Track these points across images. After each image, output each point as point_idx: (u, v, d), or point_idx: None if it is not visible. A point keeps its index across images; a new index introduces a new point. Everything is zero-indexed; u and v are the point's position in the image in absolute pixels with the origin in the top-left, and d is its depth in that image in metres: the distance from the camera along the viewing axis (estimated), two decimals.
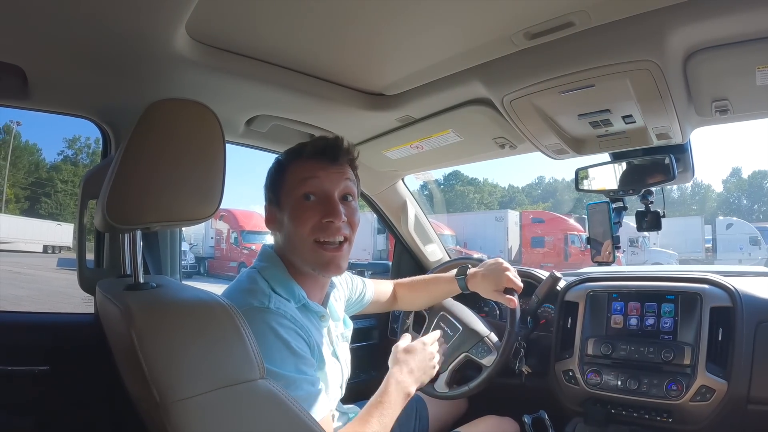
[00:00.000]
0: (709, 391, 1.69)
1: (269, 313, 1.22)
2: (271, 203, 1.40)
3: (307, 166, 1.35)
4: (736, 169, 66.67)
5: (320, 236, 1.33)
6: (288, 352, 1.19)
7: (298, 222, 1.32)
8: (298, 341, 1.23)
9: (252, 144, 2.10)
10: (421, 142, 2.00)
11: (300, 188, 1.33)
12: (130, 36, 1.22)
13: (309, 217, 1.32)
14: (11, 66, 1.39)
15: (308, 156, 1.37)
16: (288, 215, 1.34)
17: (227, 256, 22.35)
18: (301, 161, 1.37)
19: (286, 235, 1.37)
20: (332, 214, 1.32)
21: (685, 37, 1.23)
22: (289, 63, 1.54)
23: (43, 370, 1.67)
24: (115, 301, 0.96)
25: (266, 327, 1.18)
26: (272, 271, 1.35)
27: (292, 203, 1.34)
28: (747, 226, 29.80)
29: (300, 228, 1.32)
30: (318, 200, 1.34)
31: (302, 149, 1.38)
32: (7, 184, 34.78)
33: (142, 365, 0.84)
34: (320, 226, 1.32)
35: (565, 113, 1.59)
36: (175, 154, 0.98)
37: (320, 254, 1.34)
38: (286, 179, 1.36)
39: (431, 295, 2.06)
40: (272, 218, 1.40)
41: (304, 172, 1.35)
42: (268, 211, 1.42)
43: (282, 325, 1.21)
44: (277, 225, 1.39)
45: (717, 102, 1.49)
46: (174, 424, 0.85)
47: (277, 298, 1.28)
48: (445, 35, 1.38)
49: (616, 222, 1.87)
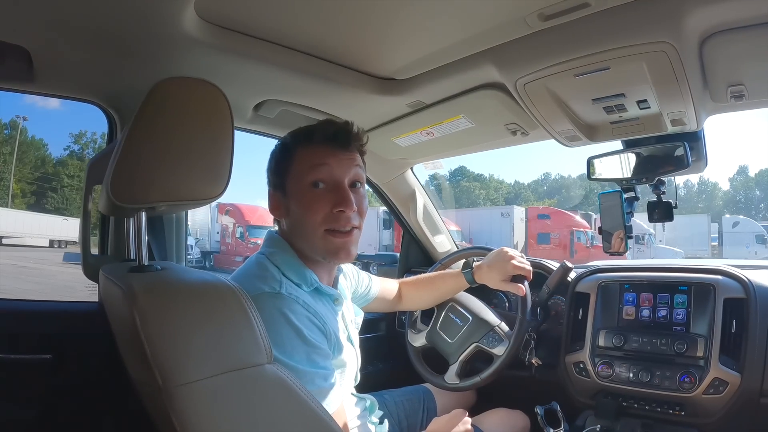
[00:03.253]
0: (722, 384, 1.66)
1: (281, 298, 1.19)
2: (276, 189, 1.37)
3: (317, 151, 1.32)
4: (743, 167, 66.60)
5: (331, 225, 1.31)
6: (299, 340, 1.16)
7: (309, 211, 1.30)
8: (311, 329, 1.20)
9: (260, 130, 2.08)
10: (432, 128, 1.98)
11: (310, 175, 1.30)
12: (138, 16, 1.21)
13: (320, 207, 1.30)
14: (16, 47, 1.37)
15: (318, 141, 1.33)
16: (296, 202, 1.32)
17: (233, 251, 22.45)
18: (311, 146, 1.33)
19: (294, 222, 1.34)
20: (344, 204, 1.30)
21: (703, 19, 1.20)
22: (299, 45, 1.52)
23: (47, 359, 1.66)
24: (118, 283, 0.94)
25: (277, 313, 1.16)
26: (281, 256, 1.32)
27: (301, 190, 1.31)
28: (753, 224, 29.74)
29: (311, 217, 1.30)
30: (328, 188, 1.31)
31: (311, 133, 1.35)
32: (14, 179, 35.00)
33: (145, 348, 0.82)
34: (331, 215, 1.30)
35: (579, 97, 1.57)
36: (182, 132, 0.96)
37: (331, 242, 1.31)
38: (293, 164, 1.33)
39: (438, 292, 2.03)
40: (277, 204, 1.37)
41: (314, 158, 1.32)
42: (272, 197, 1.38)
43: (294, 311, 1.19)
44: (283, 211, 1.36)
45: (732, 87, 1.46)
46: (177, 409, 0.83)
47: (289, 283, 1.26)
48: (457, 17, 1.35)
49: (628, 212, 1.85)
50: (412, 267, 2.86)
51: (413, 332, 2.15)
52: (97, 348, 1.67)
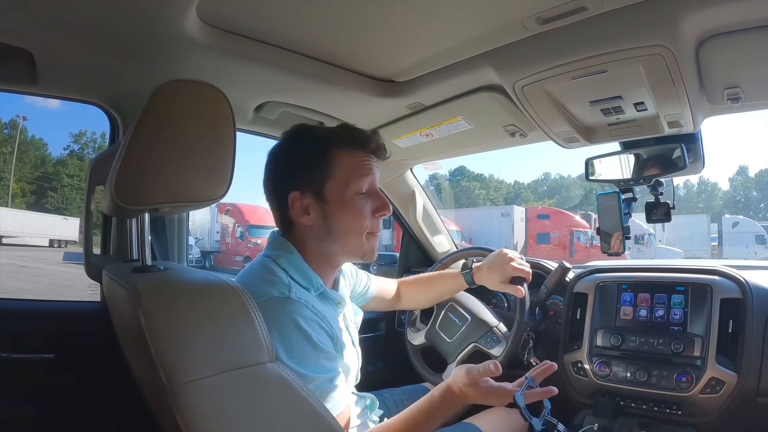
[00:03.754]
0: (719, 384, 1.67)
1: (291, 303, 1.20)
2: (304, 192, 1.33)
3: (363, 160, 1.36)
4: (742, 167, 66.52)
5: (373, 228, 1.36)
6: (309, 345, 1.17)
7: (358, 217, 1.34)
8: (319, 333, 1.21)
9: (261, 131, 2.09)
10: (431, 129, 1.99)
11: (358, 184, 1.33)
12: (140, 19, 1.22)
13: (366, 213, 1.35)
14: (19, 49, 1.39)
15: (364, 150, 1.36)
16: (340, 208, 1.33)
17: (233, 251, 22.41)
18: (356, 154, 1.35)
19: (330, 226, 1.34)
20: (385, 209, 1.38)
21: (698, 23, 1.22)
22: (299, 47, 1.53)
23: (49, 358, 1.68)
24: (122, 283, 0.96)
25: (288, 319, 1.16)
26: (288, 258, 1.32)
27: (348, 198, 1.33)
28: (753, 224, 29.69)
29: (358, 222, 1.34)
30: (368, 195, 1.36)
31: (356, 141, 1.36)
32: (14, 179, 34.97)
33: (149, 347, 0.84)
34: (373, 219, 1.36)
35: (577, 100, 1.58)
36: (185, 134, 0.97)
37: (371, 243, 1.38)
38: (335, 169, 1.32)
39: (437, 292, 2.04)
40: (304, 209, 1.33)
41: (362, 166, 1.35)
42: (299, 201, 1.33)
43: (304, 316, 1.19)
44: (314, 215, 1.33)
45: (729, 90, 1.47)
46: (181, 406, 0.84)
47: (297, 287, 1.27)
48: (456, 20, 1.36)
49: (626, 213, 1.86)
50: (412, 267, 2.87)
51: (413, 331, 2.17)
52: (99, 347, 1.68)
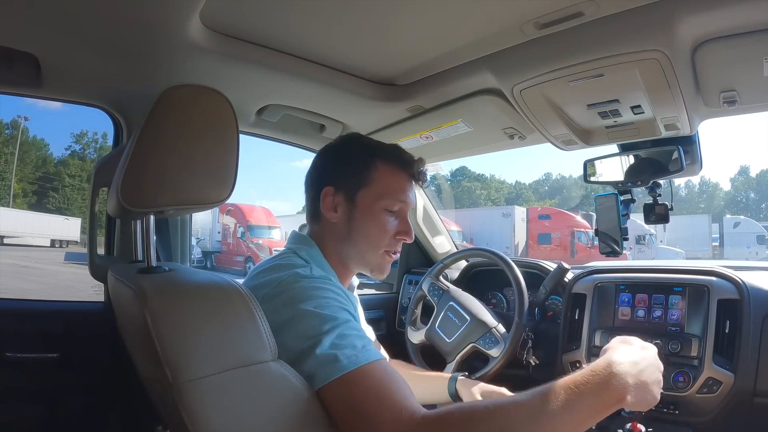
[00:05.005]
0: (716, 384, 1.69)
1: (314, 278, 1.17)
2: (339, 190, 1.34)
3: (403, 183, 1.36)
4: (744, 167, 66.36)
5: (391, 248, 1.35)
6: (337, 305, 1.11)
7: (380, 231, 1.33)
8: (344, 302, 1.16)
9: (263, 134, 2.11)
10: (431, 132, 2.01)
11: (390, 202, 1.33)
12: (144, 24, 1.24)
13: (389, 230, 1.34)
14: (24, 54, 1.41)
15: (405, 171, 1.37)
16: (366, 217, 1.33)
17: (234, 251, 22.39)
18: (399, 174, 1.36)
19: (352, 231, 1.33)
20: (409, 235, 1.36)
21: (694, 27, 1.24)
22: (301, 52, 1.55)
23: (53, 357, 1.69)
24: (128, 284, 0.98)
25: (313, 288, 1.13)
26: (308, 251, 1.33)
27: (376, 210, 1.33)
28: (754, 224, 29.63)
29: (380, 237, 1.33)
30: (396, 216, 1.36)
31: (403, 162, 1.37)
32: (15, 179, 34.95)
33: (156, 346, 0.85)
34: (393, 240, 1.35)
35: (575, 103, 1.60)
36: (189, 138, 0.99)
37: (385, 261, 1.37)
38: (374, 181, 1.33)
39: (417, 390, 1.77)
40: (333, 206, 1.34)
41: (398, 187, 1.35)
42: (330, 197, 1.34)
43: (328, 285, 1.16)
44: (341, 215, 1.34)
45: (725, 93, 1.49)
46: (186, 403, 0.86)
47: (318, 270, 1.25)
48: (455, 25, 1.39)
49: (624, 214, 1.87)
50: (412, 268, 2.88)
51: (413, 329, 2.19)
52: (103, 346, 1.70)
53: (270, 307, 1.02)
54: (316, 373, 0.99)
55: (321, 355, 1.00)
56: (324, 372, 0.99)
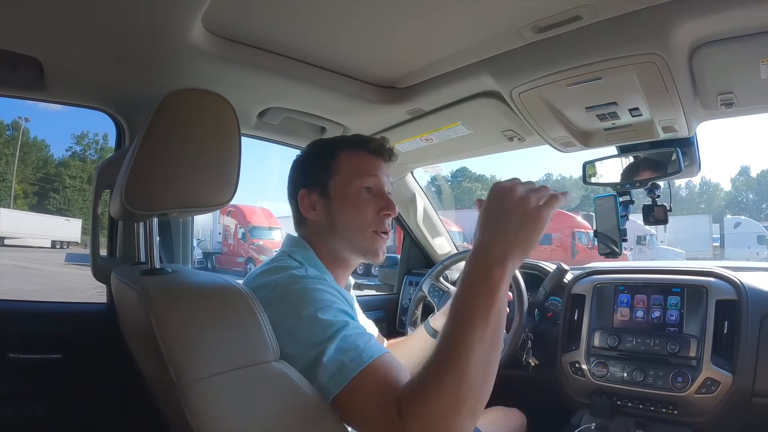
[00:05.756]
0: (715, 384, 1.70)
1: (309, 278, 1.19)
2: (312, 190, 1.38)
3: (367, 160, 1.38)
4: (744, 168, 66.20)
5: (378, 227, 1.37)
6: (334, 307, 1.12)
7: (359, 211, 1.35)
8: (338, 298, 1.17)
9: (264, 136, 2.12)
10: (431, 134, 2.02)
11: (361, 180, 1.35)
12: (147, 28, 1.25)
13: (369, 208, 1.35)
14: (28, 57, 1.41)
15: (368, 151, 1.39)
16: (343, 203, 1.35)
17: (235, 252, 22.36)
18: (360, 154, 1.39)
19: (335, 221, 1.36)
20: (391, 209, 1.37)
21: (691, 31, 1.25)
22: (302, 56, 1.57)
23: (56, 358, 1.70)
24: (132, 286, 0.99)
25: (308, 288, 1.13)
26: (303, 253, 1.34)
27: (351, 193, 1.35)
28: (755, 224, 29.55)
29: (361, 217, 1.35)
30: (374, 194, 1.37)
31: (362, 142, 1.41)
32: (16, 180, 34.95)
33: (160, 346, 0.86)
34: (377, 218, 1.36)
35: (573, 106, 1.61)
36: (192, 142, 1.00)
37: (377, 241, 1.38)
38: (340, 168, 1.37)
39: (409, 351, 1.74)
40: (311, 205, 1.38)
41: (365, 166, 1.37)
42: (306, 198, 1.38)
43: (322, 284, 1.18)
44: (320, 211, 1.37)
45: (722, 95, 1.50)
46: (190, 403, 0.87)
47: (313, 270, 1.27)
48: (455, 28, 1.40)
49: (623, 215, 1.88)
50: (413, 269, 2.90)
51: (413, 330, 2.19)
52: (105, 347, 1.71)
53: (270, 312, 1.02)
54: (328, 384, 1.00)
55: (328, 364, 1.01)
56: (334, 382, 1.00)
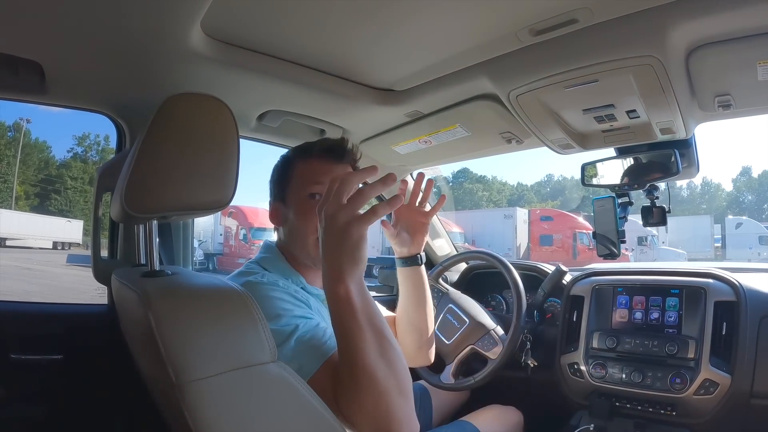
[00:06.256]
0: (713, 385, 1.70)
1: (263, 284, 1.23)
2: (276, 199, 1.44)
3: (314, 165, 1.38)
4: (746, 168, 66.17)
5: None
6: (281, 307, 1.17)
7: (304, 220, 1.35)
8: (295, 303, 1.22)
9: (263, 138, 2.13)
10: (430, 137, 2.02)
11: (308, 187, 1.36)
12: (147, 33, 1.26)
13: (314, 216, 1.27)
14: (29, 61, 1.42)
15: (315, 155, 1.40)
16: (294, 212, 1.37)
17: (236, 253, 22.36)
18: (309, 160, 1.40)
19: (290, 229, 1.39)
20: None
21: (687, 33, 1.25)
22: (301, 59, 1.57)
23: (57, 359, 1.72)
24: (132, 287, 1.00)
25: (259, 295, 1.16)
26: (271, 260, 1.39)
27: (299, 201, 1.37)
28: (756, 225, 29.56)
29: (306, 225, 1.35)
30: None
31: (309, 148, 1.42)
32: (17, 181, 35.01)
33: (159, 347, 0.87)
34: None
35: (570, 108, 1.62)
36: (191, 146, 1.01)
37: (318, 248, 1.36)
38: (293, 177, 1.40)
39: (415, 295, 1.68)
40: (276, 213, 1.43)
41: (312, 171, 1.38)
42: (272, 207, 1.44)
43: (276, 290, 1.22)
44: (281, 219, 1.42)
45: (719, 97, 1.50)
46: (189, 403, 0.88)
47: (272, 276, 1.31)
48: (452, 32, 1.40)
49: (621, 217, 1.89)
50: None
51: None
52: (106, 348, 1.72)
53: None
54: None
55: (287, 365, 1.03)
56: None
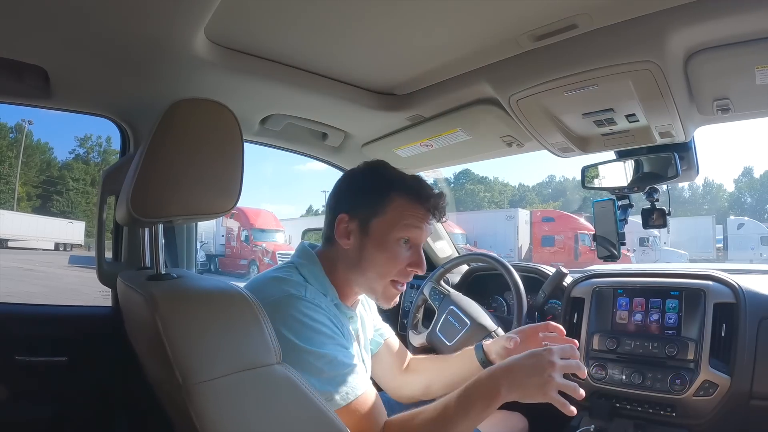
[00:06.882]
0: (712, 386, 1.70)
1: (303, 301, 1.23)
2: (355, 217, 1.37)
3: (418, 212, 1.37)
4: (747, 169, 66.00)
5: (399, 278, 1.38)
6: (322, 334, 1.21)
7: (390, 262, 1.35)
8: (331, 328, 1.25)
9: (266, 142, 2.14)
10: (431, 140, 2.03)
11: (403, 232, 1.35)
12: (151, 39, 1.28)
13: (401, 261, 1.36)
14: (34, 67, 1.44)
15: (422, 202, 1.37)
16: (378, 246, 1.35)
17: (238, 254, 22.38)
18: (412, 203, 1.37)
19: (362, 258, 1.36)
20: (419, 266, 1.38)
21: (685, 39, 1.27)
22: (303, 64, 1.59)
23: (62, 361, 1.73)
24: (138, 290, 1.01)
25: (299, 312, 1.20)
26: (310, 268, 1.37)
27: (388, 240, 1.35)
28: (758, 225, 29.47)
29: (389, 267, 1.36)
30: (410, 247, 1.38)
31: (420, 195, 1.38)
32: (19, 183, 35.03)
33: (166, 349, 0.89)
34: (403, 270, 1.37)
35: (570, 112, 1.63)
36: (196, 150, 1.02)
37: (391, 291, 1.39)
38: (388, 209, 1.35)
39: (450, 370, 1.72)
40: (348, 232, 1.37)
41: (413, 217, 1.36)
42: (344, 223, 1.37)
43: (315, 310, 1.23)
44: (353, 241, 1.37)
45: (718, 101, 1.51)
46: (195, 404, 0.89)
47: (313, 290, 1.30)
48: (453, 37, 1.42)
49: (621, 219, 1.89)
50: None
51: (414, 333, 2.21)
52: (110, 350, 1.73)
53: None
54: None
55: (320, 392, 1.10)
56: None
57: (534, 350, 1.23)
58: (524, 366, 1.19)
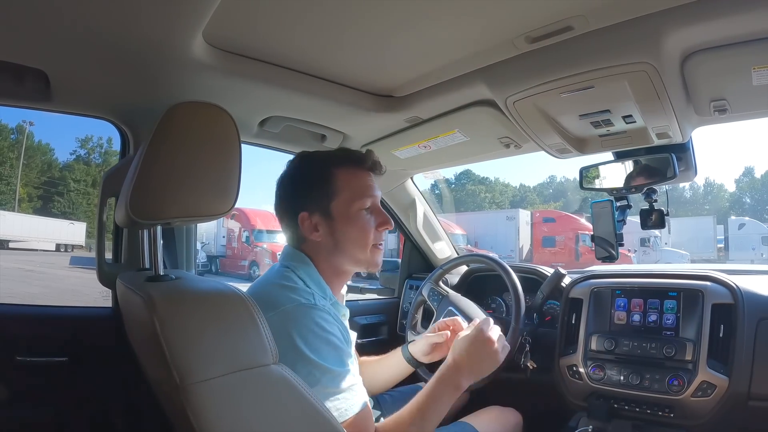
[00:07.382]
0: (710, 387, 1.70)
1: (316, 309, 1.27)
2: (313, 212, 1.40)
3: (364, 179, 1.44)
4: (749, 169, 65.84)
5: (377, 241, 1.44)
6: (332, 347, 1.25)
7: (363, 232, 1.41)
8: (338, 337, 1.29)
9: (265, 144, 2.15)
10: (429, 141, 2.04)
11: (362, 202, 1.41)
12: (150, 42, 1.29)
13: (370, 227, 1.42)
14: (34, 70, 1.45)
15: (364, 168, 1.44)
16: (347, 224, 1.40)
17: (239, 255, 22.32)
18: (357, 173, 1.43)
19: (339, 240, 1.41)
20: (388, 224, 1.45)
21: (681, 40, 1.27)
22: (301, 66, 1.60)
23: (62, 361, 1.73)
24: (137, 292, 1.02)
25: (313, 323, 1.24)
26: (305, 269, 1.39)
27: (354, 215, 1.41)
28: (759, 225, 29.42)
29: (365, 237, 1.42)
30: (372, 211, 1.44)
31: (356, 159, 1.45)
32: (20, 184, 35.02)
33: (164, 350, 0.90)
34: (376, 233, 1.44)
35: (567, 114, 1.63)
36: (194, 153, 1.03)
37: (376, 254, 1.45)
38: (339, 189, 1.40)
39: (383, 373, 1.92)
40: (314, 227, 1.40)
41: (363, 185, 1.43)
42: (307, 220, 1.40)
43: (327, 321, 1.27)
44: (323, 232, 1.40)
45: (715, 102, 1.52)
46: (192, 404, 0.90)
47: (318, 295, 1.35)
48: (450, 39, 1.43)
49: (619, 220, 1.90)
50: (414, 273, 2.92)
51: (413, 333, 2.21)
52: (111, 351, 1.74)
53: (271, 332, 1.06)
54: None
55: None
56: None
57: (467, 335, 1.49)
58: (472, 353, 1.46)
